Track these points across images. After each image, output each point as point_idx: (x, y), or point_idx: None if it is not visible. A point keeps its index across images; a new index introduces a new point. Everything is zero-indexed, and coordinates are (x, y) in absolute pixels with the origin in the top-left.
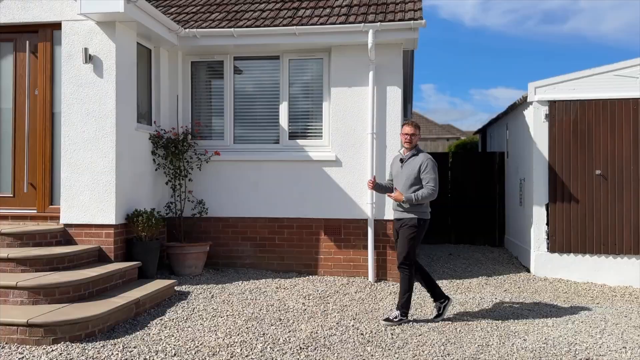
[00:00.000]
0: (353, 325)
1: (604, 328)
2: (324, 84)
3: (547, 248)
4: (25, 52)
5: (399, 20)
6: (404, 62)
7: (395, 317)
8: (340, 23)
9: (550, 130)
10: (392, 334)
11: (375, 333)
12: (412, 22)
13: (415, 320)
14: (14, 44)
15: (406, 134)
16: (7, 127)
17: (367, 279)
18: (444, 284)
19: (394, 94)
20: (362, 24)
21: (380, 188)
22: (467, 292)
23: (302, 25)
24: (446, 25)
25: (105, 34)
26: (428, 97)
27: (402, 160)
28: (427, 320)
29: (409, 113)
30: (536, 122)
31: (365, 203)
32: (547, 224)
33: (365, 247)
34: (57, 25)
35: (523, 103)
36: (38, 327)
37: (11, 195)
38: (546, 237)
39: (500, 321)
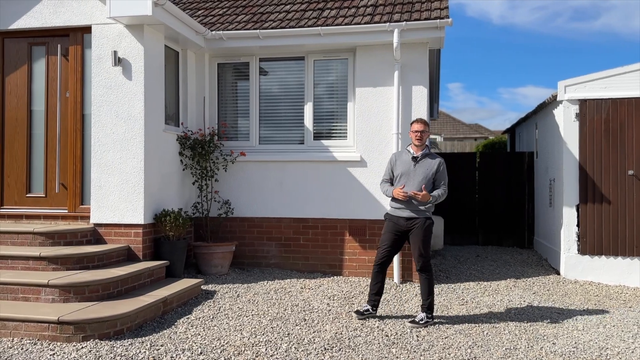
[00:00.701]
0: (378, 327)
1: (637, 332)
2: (348, 84)
3: (578, 250)
4: (56, 55)
5: (425, 19)
6: (430, 61)
7: (421, 320)
8: (365, 23)
9: (581, 129)
10: (417, 336)
11: (400, 335)
12: (438, 21)
13: (441, 323)
14: (46, 47)
15: (417, 131)
16: (40, 129)
17: (392, 280)
18: (470, 286)
19: (420, 94)
20: (388, 23)
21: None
22: (494, 294)
23: (327, 25)
24: (473, 24)
25: (134, 37)
26: (455, 96)
27: (414, 159)
28: (453, 323)
29: (435, 112)
30: (566, 122)
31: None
32: (578, 225)
33: None
34: (87, 29)
35: (553, 102)
36: (68, 324)
37: (43, 195)
38: (577, 238)
39: (528, 324)
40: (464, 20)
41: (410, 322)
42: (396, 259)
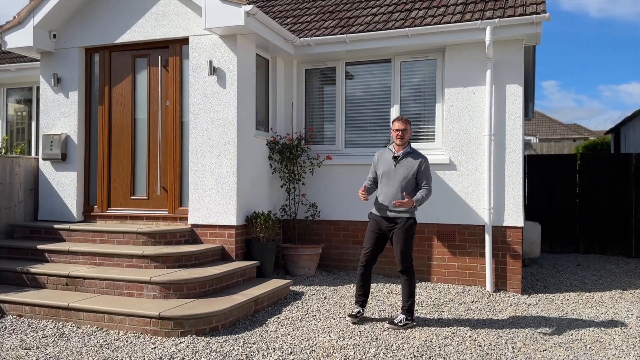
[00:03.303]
0: (470, 337)
1: None
2: (437, 85)
3: None
4: (157, 66)
5: (520, 15)
6: (525, 58)
7: (400, 322)
8: (455, 22)
9: None
10: (513, 348)
11: (494, 346)
12: (534, 16)
13: (539, 335)
14: (148, 59)
15: (398, 130)
16: (143, 136)
17: (485, 289)
18: (571, 297)
19: (514, 93)
20: (479, 21)
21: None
22: (598, 306)
23: (415, 26)
24: (569, 18)
25: (228, 47)
26: (550, 95)
27: (395, 158)
28: (552, 335)
29: (531, 112)
30: None
31: (482, 208)
32: None
33: (482, 255)
34: (185, 41)
35: None
36: (168, 320)
37: (146, 198)
38: None
39: (637, 339)
40: (559, 15)
41: (389, 322)
42: (488, 267)
